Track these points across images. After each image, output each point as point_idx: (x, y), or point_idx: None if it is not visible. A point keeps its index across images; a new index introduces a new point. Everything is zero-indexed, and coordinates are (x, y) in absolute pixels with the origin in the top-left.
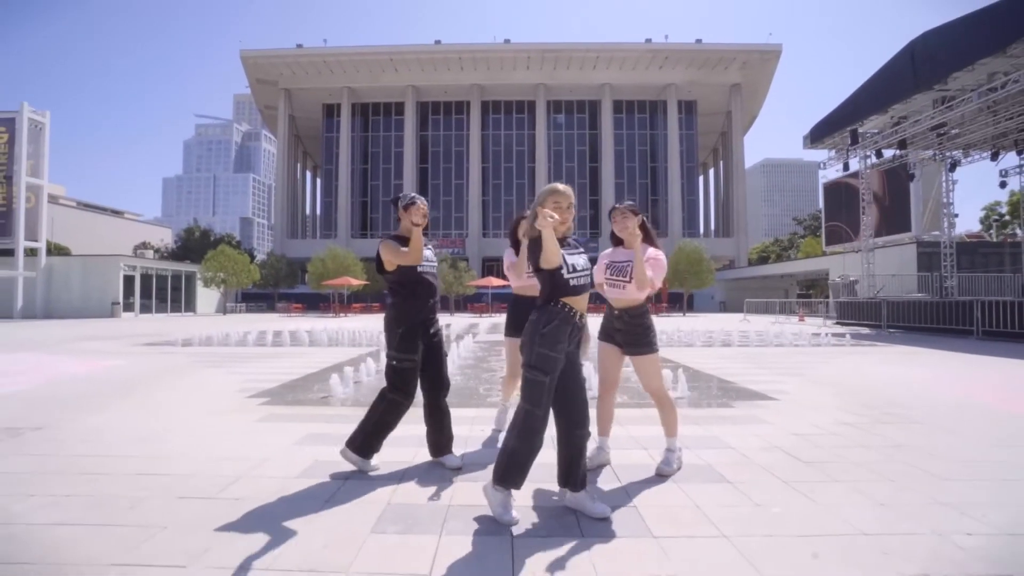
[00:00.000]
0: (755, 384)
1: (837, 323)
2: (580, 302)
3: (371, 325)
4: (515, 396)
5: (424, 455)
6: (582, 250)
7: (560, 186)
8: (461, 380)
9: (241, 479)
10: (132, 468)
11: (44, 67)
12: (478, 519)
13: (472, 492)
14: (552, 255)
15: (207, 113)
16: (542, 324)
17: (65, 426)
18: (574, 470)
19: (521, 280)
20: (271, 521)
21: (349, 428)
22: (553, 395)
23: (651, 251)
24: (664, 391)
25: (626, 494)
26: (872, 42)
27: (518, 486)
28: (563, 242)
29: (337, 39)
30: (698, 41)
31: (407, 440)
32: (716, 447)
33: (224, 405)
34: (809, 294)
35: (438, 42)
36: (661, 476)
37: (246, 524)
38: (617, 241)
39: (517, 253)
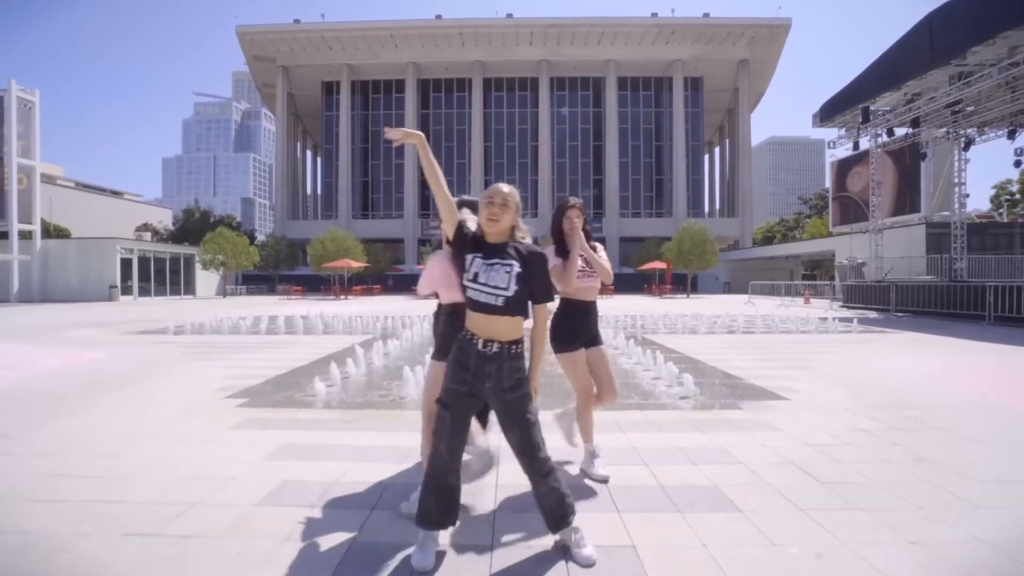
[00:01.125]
0: (762, 379)
1: (843, 306)
2: (480, 322)
3: (369, 309)
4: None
5: (404, 472)
6: (515, 265)
7: (502, 185)
8: None
9: (196, 507)
10: (84, 493)
11: (41, 47)
12: (450, 564)
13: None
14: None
15: (206, 91)
16: (451, 352)
17: (27, 436)
18: (546, 514)
19: (571, 285)
20: (215, 566)
21: (327, 436)
22: (460, 435)
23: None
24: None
25: (623, 528)
26: (885, 14)
27: (428, 527)
28: (501, 248)
29: (335, 14)
30: (705, 15)
31: (388, 453)
32: (723, 461)
33: (201, 408)
34: (814, 275)
35: (439, 17)
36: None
37: (187, 570)
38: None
39: (560, 253)
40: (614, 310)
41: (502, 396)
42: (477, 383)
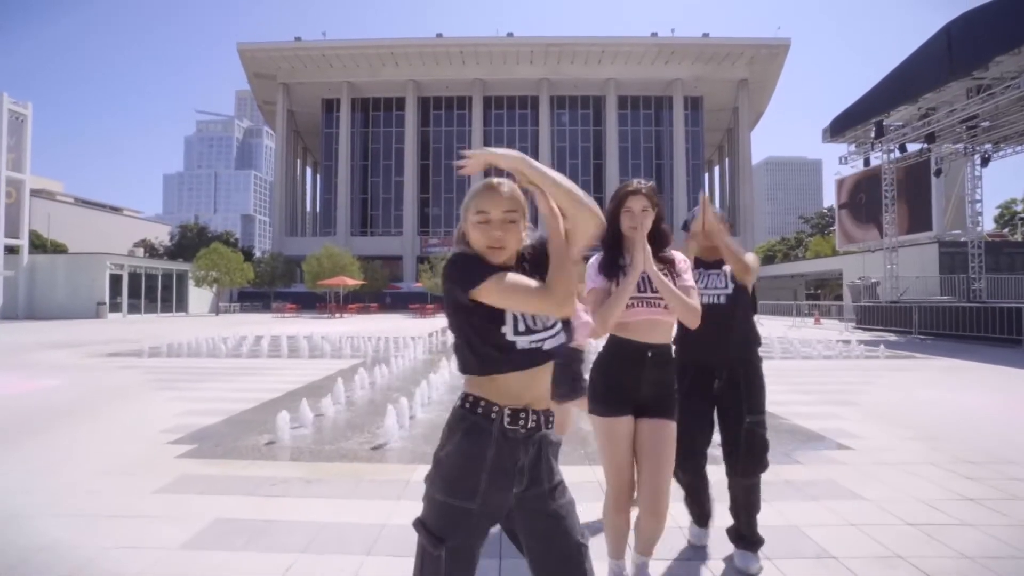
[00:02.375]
0: (807, 420)
1: (857, 328)
2: (511, 383)
3: (363, 329)
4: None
5: (373, 572)
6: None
7: (495, 182)
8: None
9: None
10: None
11: (44, 63)
12: None
13: None
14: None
15: (208, 109)
16: (440, 444)
17: None
18: None
19: (607, 322)
20: None
21: (277, 505)
22: None
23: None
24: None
25: None
26: (887, 31)
27: None
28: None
29: (336, 32)
30: (705, 35)
31: (353, 535)
32: (806, 554)
33: (131, 460)
34: (817, 295)
35: (439, 35)
36: None
37: None
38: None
39: (608, 268)
40: None
41: (543, 506)
42: (497, 490)
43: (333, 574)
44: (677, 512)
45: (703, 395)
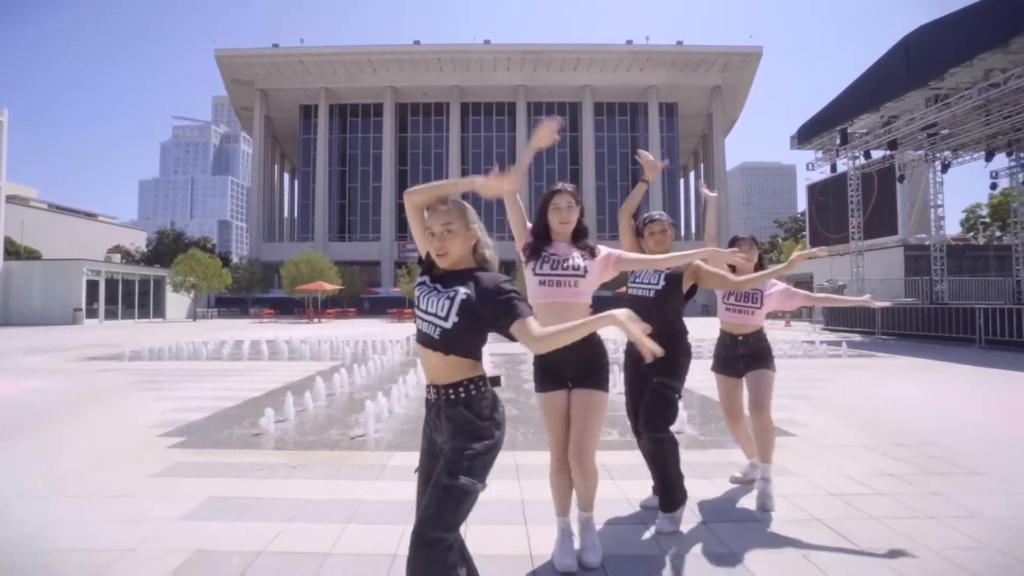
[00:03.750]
0: None
1: (825, 329)
2: (424, 358)
3: (340, 333)
4: None
5: (351, 537)
6: (460, 290)
7: (440, 206)
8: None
9: None
10: None
11: (19, 68)
12: None
13: None
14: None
15: (185, 114)
16: None
17: None
18: None
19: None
20: None
21: (265, 486)
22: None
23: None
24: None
25: None
26: (856, 42)
27: None
28: (455, 275)
29: (314, 39)
30: (679, 43)
31: (333, 509)
32: (738, 519)
33: (125, 450)
34: None
35: (417, 42)
36: (764, 511)
37: None
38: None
39: (529, 254)
40: None
41: (437, 453)
42: (435, 437)
43: (317, 539)
44: (628, 488)
45: (635, 372)
